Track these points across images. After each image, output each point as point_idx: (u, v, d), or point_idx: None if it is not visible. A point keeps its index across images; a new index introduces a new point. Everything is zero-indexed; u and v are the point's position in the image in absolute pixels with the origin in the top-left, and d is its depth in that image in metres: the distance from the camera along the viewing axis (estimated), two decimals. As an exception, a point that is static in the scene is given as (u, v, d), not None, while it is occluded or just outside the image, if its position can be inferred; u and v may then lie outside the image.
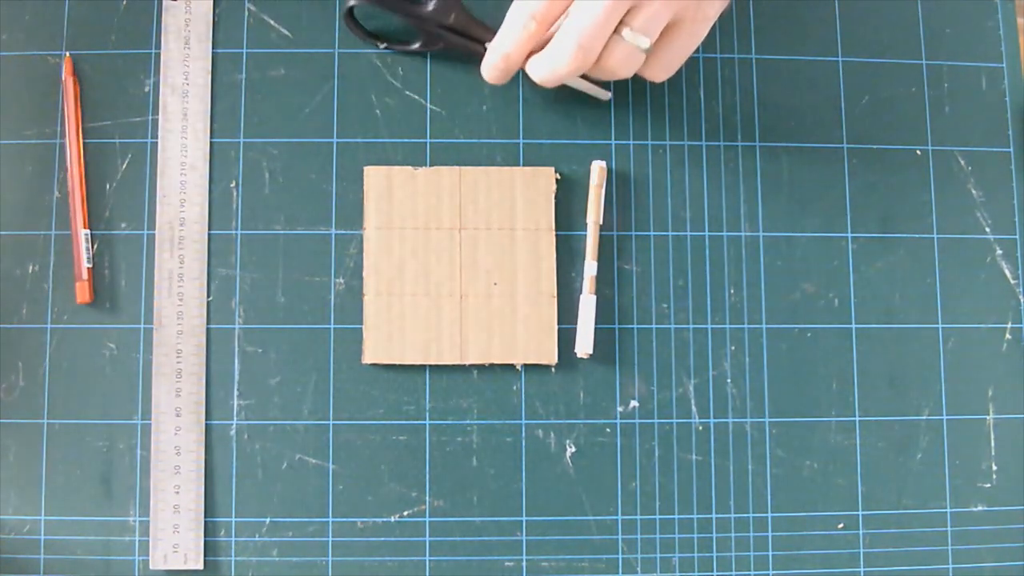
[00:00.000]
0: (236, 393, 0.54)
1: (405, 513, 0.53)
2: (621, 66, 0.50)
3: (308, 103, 0.56)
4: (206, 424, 0.53)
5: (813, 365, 0.55)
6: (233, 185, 0.55)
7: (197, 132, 0.55)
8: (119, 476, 0.53)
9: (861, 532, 0.54)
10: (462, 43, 0.54)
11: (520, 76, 0.56)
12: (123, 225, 0.55)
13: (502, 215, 0.55)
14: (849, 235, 0.56)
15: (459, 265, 0.54)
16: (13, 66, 0.56)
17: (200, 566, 0.52)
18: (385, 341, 0.54)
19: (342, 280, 0.55)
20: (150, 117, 0.55)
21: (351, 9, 0.54)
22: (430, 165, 0.55)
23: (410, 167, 0.55)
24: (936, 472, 0.55)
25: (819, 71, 0.57)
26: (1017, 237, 0.57)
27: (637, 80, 0.57)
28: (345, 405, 0.54)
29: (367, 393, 0.54)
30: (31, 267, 0.54)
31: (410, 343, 0.54)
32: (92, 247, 0.54)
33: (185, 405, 0.53)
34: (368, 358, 0.54)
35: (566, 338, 0.54)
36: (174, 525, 0.52)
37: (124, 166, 0.55)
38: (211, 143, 0.55)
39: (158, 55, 0.56)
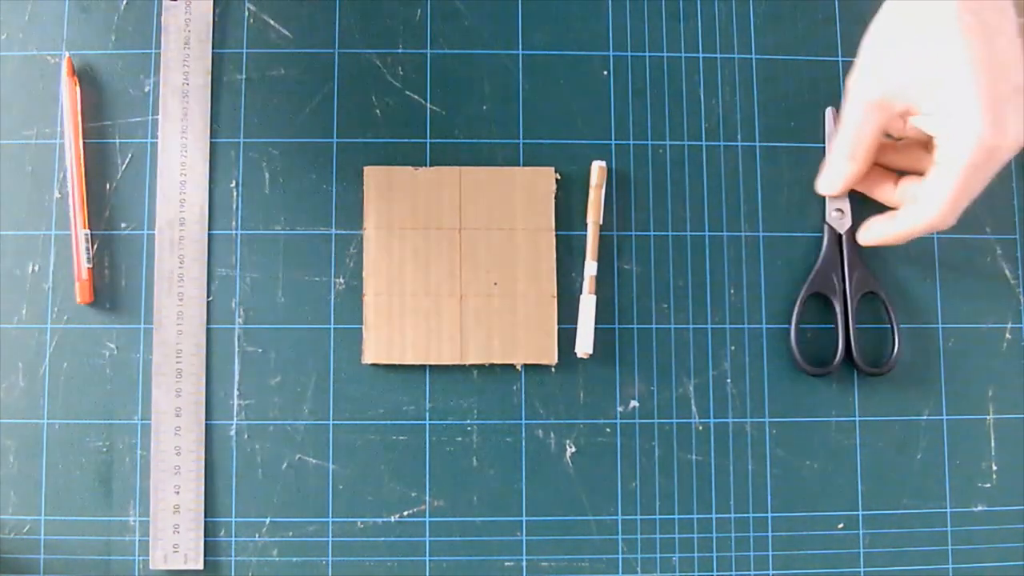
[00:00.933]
0: (236, 393, 0.54)
1: (405, 513, 0.53)
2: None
3: (308, 103, 0.56)
4: (206, 424, 0.53)
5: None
6: (233, 185, 0.55)
7: (197, 132, 0.55)
8: (119, 476, 0.53)
9: (861, 532, 0.54)
10: None
11: (521, 71, 0.56)
12: (123, 225, 0.55)
13: (502, 215, 0.55)
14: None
15: (459, 265, 0.54)
16: (13, 66, 0.56)
17: (200, 566, 0.52)
18: (385, 341, 0.54)
19: (342, 280, 0.55)
20: (150, 117, 0.55)
21: None
22: (430, 165, 0.55)
23: (410, 167, 0.55)
24: (936, 472, 0.55)
25: (819, 71, 0.57)
26: (1017, 237, 0.57)
27: (637, 79, 0.57)
28: (345, 405, 0.54)
29: (367, 393, 0.54)
30: (31, 267, 0.54)
31: (410, 343, 0.54)
32: (92, 247, 0.54)
33: (185, 405, 0.53)
34: (368, 358, 0.54)
35: (566, 338, 0.54)
36: (174, 525, 0.52)
37: (124, 166, 0.55)
38: (211, 143, 0.55)
39: (158, 55, 0.56)
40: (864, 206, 0.56)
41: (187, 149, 0.55)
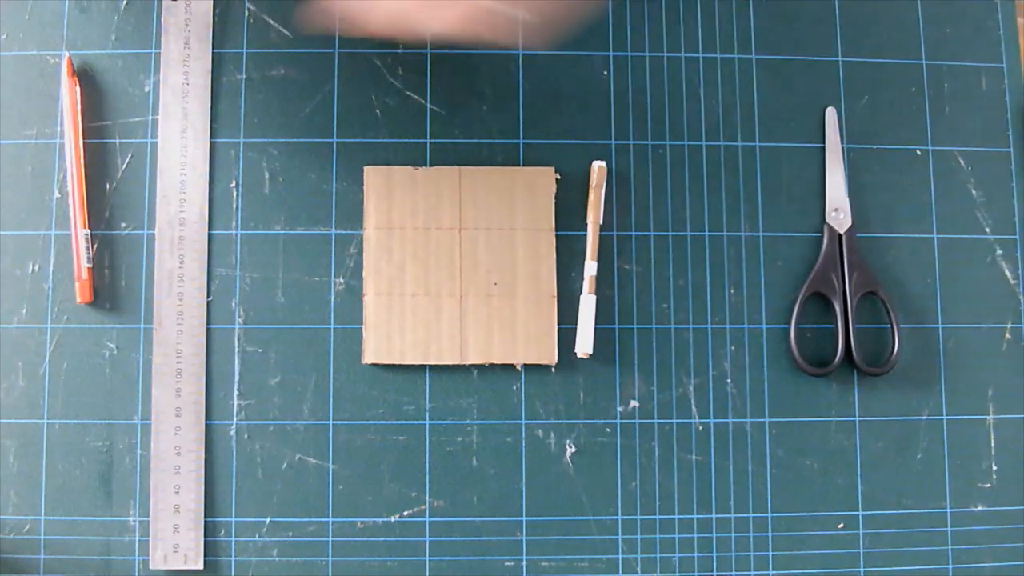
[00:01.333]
0: (236, 393, 0.54)
1: (405, 513, 0.53)
2: None
3: (308, 103, 0.56)
4: (206, 424, 0.53)
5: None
6: (233, 185, 0.55)
7: (197, 132, 0.55)
8: (119, 476, 0.53)
9: (861, 532, 0.54)
10: None
11: (521, 71, 0.56)
12: (123, 225, 0.55)
13: (502, 215, 0.55)
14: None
15: (459, 265, 0.54)
16: (13, 66, 0.56)
17: (200, 566, 0.52)
18: (385, 341, 0.54)
19: (342, 280, 0.55)
20: (150, 117, 0.55)
21: None
22: (430, 165, 0.55)
23: (410, 167, 0.55)
24: (936, 472, 0.55)
25: (819, 71, 0.57)
26: (1017, 237, 0.57)
27: (637, 79, 0.57)
28: (345, 405, 0.54)
29: (367, 393, 0.54)
30: (31, 267, 0.54)
31: (410, 343, 0.54)
32: (92, 247, 0.54)
33: (185, 405, 0.53)
34: (368, 358, 0.54)
35: (566, 338, 0.54)
36: (174, 525, 0.52)
37: (124, 166, 0.55)
38: (211, 143, 0.55)
39: (158, 55, 0.56)
40: (864, 207, 0.56)
41: (187, 149, 0.55)
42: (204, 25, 0.56)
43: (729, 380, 0.55)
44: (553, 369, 0.54)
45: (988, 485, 0.55)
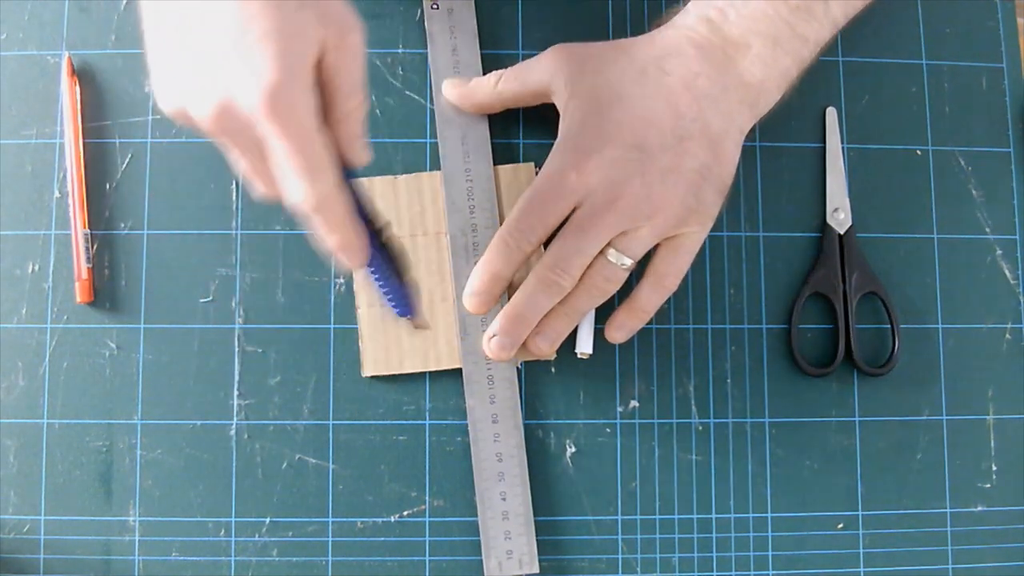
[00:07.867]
0: (236, 393, 0.54)
1: (405, 513, 0.53)
2: (605, 284, 0.50)
3: (308, 103, 0.56)
4: (206, 424, 0.53)
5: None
6: (233, 185, 0.55)
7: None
8: (119, 476, 0.53)
9: (861, 532, 0.54)
10: None
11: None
12: (123, 225, 0.55)
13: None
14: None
15: (448, 269, 0.54)
16: (13, 66, 0.56)
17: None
18: (383, 352, 0.53)
19: (342, 280, 0.54)
20: (150, 117, 0.55)
21: None
22: (430, 165, 0.55)
23: (390, 176, 0.55)
24: (936, 472, 0.55)
25: (820, 71, 0.57)
26: (1017, 237, 0.57)
27: (637, 80, 0.56)
28: (345, 405, 0.54)
29: (367, 393, 0.54)
30: (31, 267, 0.54)
31: (408, 352, 0.53)
32: (92, 247, 0.54)
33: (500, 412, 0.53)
34: (367, 371, 0.53)
35: (566, 338, 0.54)
36: (506, 531, 0.52)
37: (124, 166, 0.55)
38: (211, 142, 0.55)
39: (158, 55, 0.56)
40: (864, 207, 0.56)
41: (187, 149, 0.55)
42: (204, 25, 0.56)
43: (729, 380, 0.55)
44: (553, 369, 0.54)
45: (988, 485, 0.55)
